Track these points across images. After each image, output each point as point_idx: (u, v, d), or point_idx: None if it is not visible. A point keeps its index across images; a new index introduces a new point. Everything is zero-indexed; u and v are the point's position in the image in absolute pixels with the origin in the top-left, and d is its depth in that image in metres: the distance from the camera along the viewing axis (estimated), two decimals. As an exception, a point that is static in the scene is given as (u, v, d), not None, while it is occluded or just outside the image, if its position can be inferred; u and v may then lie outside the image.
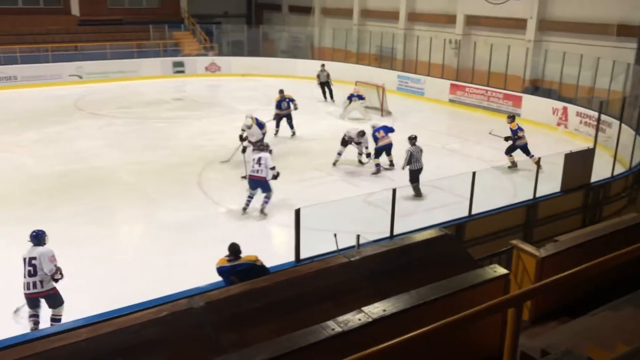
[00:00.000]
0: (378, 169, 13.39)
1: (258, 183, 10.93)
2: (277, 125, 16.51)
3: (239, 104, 21.40)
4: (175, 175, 13.27)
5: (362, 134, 13.70)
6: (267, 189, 10.94)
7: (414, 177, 11.76)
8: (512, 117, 14.31)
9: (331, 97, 21.95)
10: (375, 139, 13.50)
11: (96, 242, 9.80)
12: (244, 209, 10.97)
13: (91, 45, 26.03)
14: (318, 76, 22.20)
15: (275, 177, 10.95)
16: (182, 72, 26.93)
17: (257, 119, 13.70)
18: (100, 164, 13.99)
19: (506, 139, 13.91)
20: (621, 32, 18.13)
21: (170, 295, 6.12)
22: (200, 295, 3.89)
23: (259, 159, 10.96)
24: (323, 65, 22.56)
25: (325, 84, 22.11)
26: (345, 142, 13.91)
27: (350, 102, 19.15)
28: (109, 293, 7.65)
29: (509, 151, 13.85)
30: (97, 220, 10.69)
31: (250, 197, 11.00)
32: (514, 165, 13.91)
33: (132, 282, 8.19)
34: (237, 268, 6.36)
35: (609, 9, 18.47)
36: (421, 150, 11.90)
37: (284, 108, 16.35)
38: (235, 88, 24.53)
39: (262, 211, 10.95)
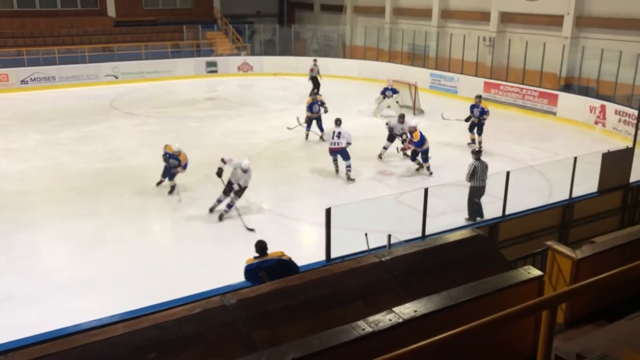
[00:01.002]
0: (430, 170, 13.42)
1: (338, 152, 12.89)
2: (308, 128, 16.37)
3: (271, 103, 21.56)
4: (208, 173, 13.39)
5: (402, 119, 14.29)
6: (347, 156, 12.78)
7: (475, 195, 10.34)
8: (479, 97, 15.94)
9: (317, 93, 22.19)
10: (424, 141, 13.12)
11: (134, 239, 10.03)
12: (348, 177, 12.79)
13: (127, 45, 26.53)
14: (311, 70, 22.56)
15: (349, 143, 12.82)
16: (215, 71, 27.23)
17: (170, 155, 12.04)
18: (136, 162, 14.27)
19: (467, 119, 15.23)
20: (662, 27, 17.62)
21: (202, 293, 6.20)
22: (233, 293, 3.93)
23: (339, 133, 12.87)
24: (315, 60, 23.01)
25: (315, 79, 22.49)
26: (392, 137, 14.37)
27: (384, 97, 19.13)
28: (146, 289, 7.82)
29: (472, 128, 15.45)
30: (134, 217, 10.92)
31: (349, 166, 12.83)
32: (473, 143, 15.10)
33: (168, 279, 8.35)
34: (265, 264, 6.46)
35: (650, 4, 17.97)
36: (486, 167, 10.46)
37: (315, 111, 16.26)
38: (267, 87, 24.70)
39: (348, 177, 12.76)
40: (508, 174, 9.23)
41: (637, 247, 4.80)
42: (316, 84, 22.52)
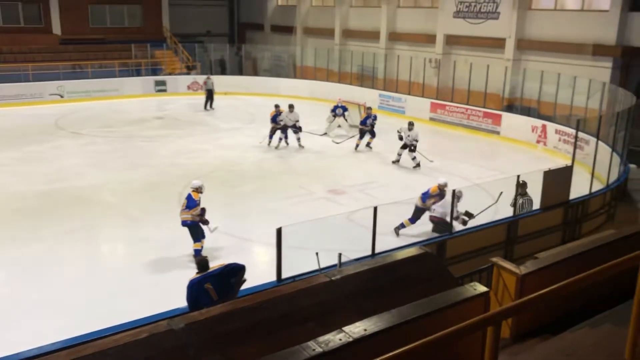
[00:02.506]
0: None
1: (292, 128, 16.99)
2: (271, 137, 17.26)
3: (221, 122, 21.43)
4: (156, 194, 13.18)
5: (411, 126, 15.63)
6: (297, 130, 17.07)
7: None
8: (370, 108, 18.28)
9: (211, 106, 23.98)
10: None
11: (80, 262, 9.70)
12: (300, 144, 17.22)
13: (72, 64, 25.91)
14: (205, 83, 24.19)
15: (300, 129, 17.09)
16: (164, 90, 26.91)
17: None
18: (82, 183, 13.85)
19: (361, 136, 17.28)
20: (597, 51, 18.54)
21: (150, 317, 6.05)
22: (181, 317, 3.85)
23: (297, 121, 17.02)
24: (208, 76, 24.73)
25: (210, 92, 23.83)
26: (405, 145, 15.61)
27: (334, 116, 19.47)
28: (92, 313, 7.57)
29: (363, 136, 17.45)
30: (80, 240, 10.57)
31: (299, 138, 17.09)
32: (356, 148, 17.52)
33: (115, 303, 8.08)
34: (208, 275, 6.45)
35: (585, 29, 18.90)
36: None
37: (279, 122, 17.16)
38: (217, 106, 24.53)
39: (300, 145, 17.23)
40: (454, 192, 9.46)
41: (579, 261, 4.96)
42: (210, 97, 23.88)
